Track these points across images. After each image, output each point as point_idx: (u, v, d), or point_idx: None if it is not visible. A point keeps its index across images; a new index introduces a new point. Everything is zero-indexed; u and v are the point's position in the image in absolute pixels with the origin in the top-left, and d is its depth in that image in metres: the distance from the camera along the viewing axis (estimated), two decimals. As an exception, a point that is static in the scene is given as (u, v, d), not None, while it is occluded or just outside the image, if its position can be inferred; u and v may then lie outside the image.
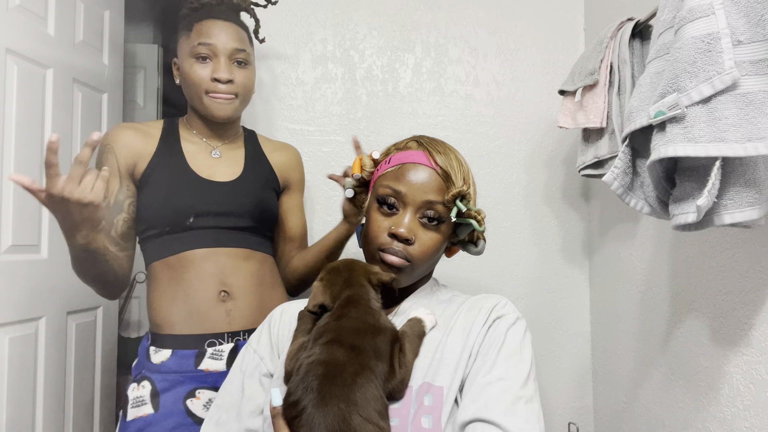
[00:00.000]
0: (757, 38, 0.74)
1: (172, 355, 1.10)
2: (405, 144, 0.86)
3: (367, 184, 0.91)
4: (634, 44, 1.20)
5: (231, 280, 1.14)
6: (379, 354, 0.71)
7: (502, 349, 0.74)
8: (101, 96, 1.72)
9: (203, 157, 1.19)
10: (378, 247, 0.80)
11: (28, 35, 1.36)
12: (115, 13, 1.79)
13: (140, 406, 1.07)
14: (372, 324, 0.73)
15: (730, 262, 0.98)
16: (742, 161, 0.77)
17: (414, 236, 0.79)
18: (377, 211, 0.82)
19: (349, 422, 0.63)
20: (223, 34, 1.14)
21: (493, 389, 0.70)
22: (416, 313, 0.80)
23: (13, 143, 1.32)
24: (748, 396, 0.92)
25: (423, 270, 0.83)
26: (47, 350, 1.43)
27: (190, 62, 1.14)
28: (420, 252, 0.80)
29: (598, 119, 1.24)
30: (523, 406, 0.68)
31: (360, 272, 0.80)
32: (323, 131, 1.65)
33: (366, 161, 0.89)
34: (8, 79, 1.30)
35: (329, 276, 0.81)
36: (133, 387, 1.10)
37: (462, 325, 0.79)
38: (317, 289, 0.80)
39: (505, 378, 0.71)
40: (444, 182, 0.81)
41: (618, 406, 1.43)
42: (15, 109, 1.32)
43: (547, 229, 1.66)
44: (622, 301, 1.42)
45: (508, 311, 0.80)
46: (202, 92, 1.14)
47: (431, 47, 1.67)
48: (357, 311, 0.74)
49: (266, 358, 0.85)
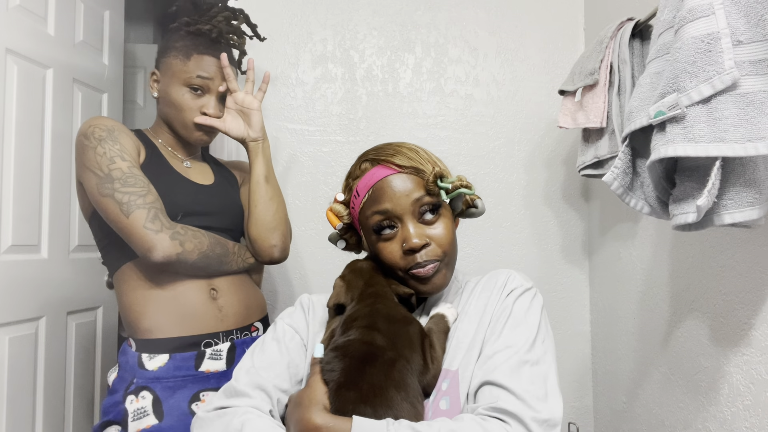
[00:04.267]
0: (757, 38, 0.74)
1: (170, 360, 1.06)
2: (359, 169, 0.85)
3: (352, 225, 0.89)
4: (634, 44, 1.20)
5: (217, 278, 1.14)
6: (413, 345, 0.73)
7: (508, 320, 0.76)
8: (101, 96, 1.72)
9: (177, 163, 1.21)
10: (404, 271, 0.80)
11: (28, 35, 1.36)
12: (115, 13, 1.79)
13: (143, 418, 1.02)
14: (403, 314, 0.76)
15: (730, 262, 0.98)
16: (742, 161, 0.77)
17: (427, 238, 0.79)
18: (381, 242, 0.81)
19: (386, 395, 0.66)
20: (220, 72, 1.18)
21: (499, 356, 0.72)
22: (438, 309, 0.81)
23: (13, 143, 1.32)
24: (748, 396, 0.92)
25: (454, 258, 0.83)
26: (47, 350, 1.43)
27: (182, 90, 1.15)
28: (440, 244, 0.79)
29: (598, 119, 1.23)
30: (528, 369, 0.70)
31: (381, 279, 0.81)
32: (323, 131, 1.65)
33: (337, 208, 0.88)
34: (8, 79, 1.30)
35: (351, 276, 0.82)
36: (131, 399, 1.03)
37: (475, 309, 0.81)
38: (339, 288, 0.81)
39: (510, 345, 0.73)
40: (416, 176, 0.80)
41: (618, 406, 1.43)
42: (15, 109, 1.32)
43: (547, 229, 1.66)
44: (622, 301, 1.42)
45: (517, 284, 0.81)
46: (190, 122, 1.16)
47: (431, 47, 1.67)
48: (388, 302, 0.77)
49: (301, 331, 0.85)
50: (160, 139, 1.22)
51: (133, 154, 1.09)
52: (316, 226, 1.63)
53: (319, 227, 1.63)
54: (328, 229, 1.65)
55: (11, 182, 1.31)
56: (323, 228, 1.63)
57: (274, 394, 0.76)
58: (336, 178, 1.64)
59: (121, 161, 1.04)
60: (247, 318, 1.18)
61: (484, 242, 1.65)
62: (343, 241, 0.91)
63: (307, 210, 1.64)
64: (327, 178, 1.64)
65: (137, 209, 1.01)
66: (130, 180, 1.03)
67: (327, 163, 1.64)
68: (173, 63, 1.16)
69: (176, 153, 1.23)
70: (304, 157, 1.64)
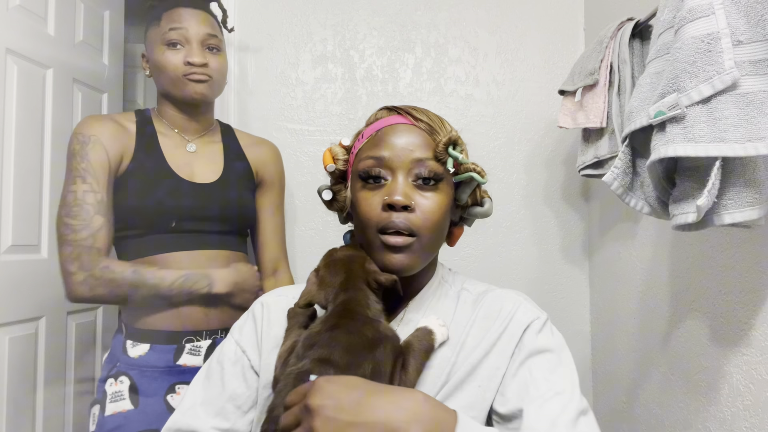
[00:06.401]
0: (757, 38, 0.74)
1: (150, 350, 1.10)
2: (374, 116, 0.77)
3: (345, 176, 0.79)
4: (634, 44, 1.20)
5: None
6: (378, 371, 0.62)
7: (540, 358, 0.67)
8: (101, 96, 1.72)
9: (180, 153, 1.18)
10: (376, 229, 0.68)
11: (28, 35, 1.36)
12: (115, 13, 1.79)
13: (118, 401, 1.07)
14: (370, 337, 0.64)
15: (730, 262, 0.98)
16: (742, 161, 0.77)
17: (412, 202, 0.68)
18: (363, 190, 0.70)
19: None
20: (193, 20, 1.14)
21: (553, 406, 0.63)
22: (426, 323, 0.70)
23: (13, 143, 1.32)
24: (748, 396, 0.92)
25: (432, 245, 0.71)
26: (47, 350, 1.43)
27: (162, 50, 1.13)
28: (424, 219, 0.68)
29: (598, 119, 1.23)
30: (584, 420, 0.64)
31: (358, 272, 0.70)
32: (323, 131, 1.65)
33: (336, 149, 0.78)
34: (8, 79, 1.30)
35: (326, 272, 0.72)
36: (110, 382, 1.09)
37: (475, 339, 0.71)
38: (312, 285, 0.71)
39: (559, 392, 0.64)
40: (429, 135, 0.71)
41: (618, 406, 1.43)
42: (15, 109, 1.32)
43: (547, 229, 1.66)
44: (622, 301, 1.42)
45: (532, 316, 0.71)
46: (178, 77, 1.13)
47: (431, 47, 1.67)
48: (354, 323, 0.65)
49: (249, 350, 0.76)
50: (167, 120, 1.20)
51: (99, 170, 1.07)
52: (316, 227, 1.63)
53: (319, 227, 1.63)
54: (328, 230, 1.65)
55: (11, 182, 1.31)
56: (323, 228, 1.63)
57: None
58: (336, 178, 1.64)
59: (81, 183, 1.06)
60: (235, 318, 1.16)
61: (484, 242, 1.65)
62: (330, 192, 0.80)
63: (307, 210, 1.64)
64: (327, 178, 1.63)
65: (65, 245, 1.05)
66: (75, 210, 1.05)
67: (327, 163, 1.64)
68: (151, 33, 1.17)
69: (183, 134, 1.20)
70: (304, 157, 1.64)
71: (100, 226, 1.06)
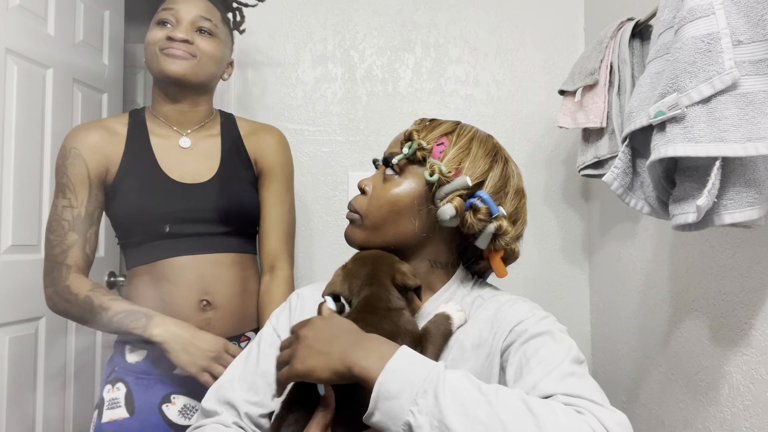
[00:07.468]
0: (757, 38, 0.74)
1: (147, 356, 1.08)
2: None
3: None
4: (634, 44, 1.20)
5: (212, 289, 1.10)
6: None
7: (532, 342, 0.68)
8: (101, 96, 1.72)
9: (173, 153, 1.13)
10: None
11: (28, 35, 1.36)
12: (115, 13, 1.79)
13: (115, 409, 1.05)
14: (389, 330, 0.67)
15: (730, 262, 0.98)
16: (742, 161, 0.77)
17: (368, 188, 0.80)
18: None
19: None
20: (189, 2, 1.11)
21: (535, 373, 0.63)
22: (445, 308, 0.74)
23: (13, 143, 1.32)
24: (748, 396, 0.92)
25: (379, 221, 0.77)
26: (47, 350, 1.43)
27: (151, 29, 1.10)
28: (370, 202, 0.79)
29: (598, 119, 1.23)
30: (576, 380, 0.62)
31: (385, 269, 0.73)
32: (323, 131, 1.65)
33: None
34: (8, 79, 1.30)
35: (353, 265, 0.75)
36: (108, 388, 1.08)
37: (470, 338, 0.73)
38: (337, 277, 0.75)
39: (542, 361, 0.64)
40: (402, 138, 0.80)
41: (618, 406, 1.42)
42: (15, 109, 1.32)
43: (547, 229, 1.66)
44: (622, 301, 1.42)
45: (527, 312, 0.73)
46: (155, 52, 1.07)
47: (431, 47, 1.67)
48: (373, 317, 0.68)
49: (283, 335, 0.81)
50: (161, 116, 1.15)
51: (78, 185, 1.07)
52: (317, 227, 1.63)
53: (319, 227, 1.63)
54: (328, 230, 1.65)
55: (11, 182, 1.31)
56: (323, 228, 1.63)
57: (242, 408, 0.76)
58: (336, 178, 1.64)
59: (62, 198, 1.07)
60: (238, 329, 1.14)
61: (484, 242, 1.64)
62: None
63: (307, 210, 1.64)
64: (327, 178, 1.64)
65: (45, 258, 1.07)
66: (53, 224, 1.06)
67: (327, 163, 1.64)
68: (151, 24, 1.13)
69: (178, 128, 1.15)
70: (304, 157, 1.64)
71: (73, 243, 1.06)
